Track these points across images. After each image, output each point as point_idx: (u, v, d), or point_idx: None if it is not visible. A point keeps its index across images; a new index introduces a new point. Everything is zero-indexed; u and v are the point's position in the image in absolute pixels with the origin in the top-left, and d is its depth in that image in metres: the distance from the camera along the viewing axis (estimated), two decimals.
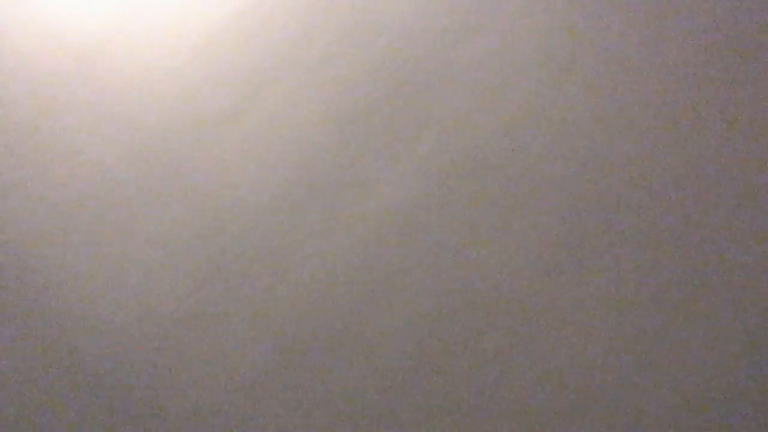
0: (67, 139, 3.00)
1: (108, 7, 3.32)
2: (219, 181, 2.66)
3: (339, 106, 2.63)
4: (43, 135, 3.05)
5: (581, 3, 2.43)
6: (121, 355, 2.43)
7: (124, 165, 2.85)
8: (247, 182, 2.61)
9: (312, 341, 2.22)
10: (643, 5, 2.34)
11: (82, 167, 2.90)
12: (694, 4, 2.27)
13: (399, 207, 2.33)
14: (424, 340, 2.09)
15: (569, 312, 1.98)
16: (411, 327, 2.13)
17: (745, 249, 1.90)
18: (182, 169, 2.74)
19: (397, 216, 2.32)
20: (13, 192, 2.94)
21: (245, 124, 2.74)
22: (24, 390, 2.47)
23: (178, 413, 2.26)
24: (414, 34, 2.66)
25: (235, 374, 2.26)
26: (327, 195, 2.46)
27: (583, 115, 2.24)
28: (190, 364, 2.33)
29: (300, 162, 2.57)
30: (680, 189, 2.03)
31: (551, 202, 2.15)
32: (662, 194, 2.04)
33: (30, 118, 3.12)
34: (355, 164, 2.48)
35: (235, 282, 2.42)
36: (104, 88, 3.09)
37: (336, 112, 2.62)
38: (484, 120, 2.37)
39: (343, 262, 2.31)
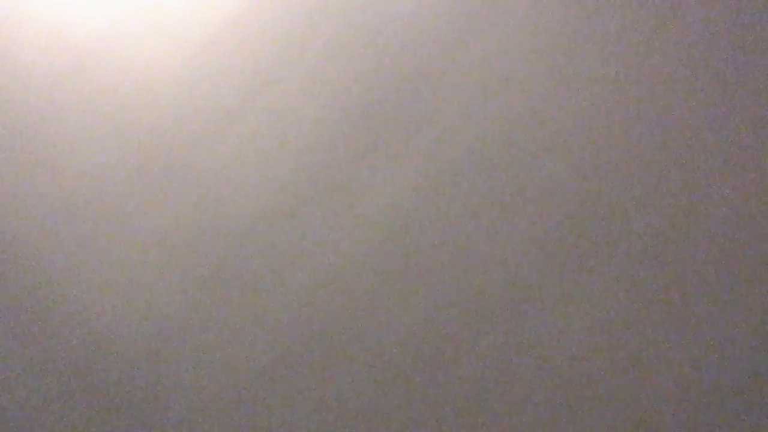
0: (67, 138, 3.00)
1: (108, 8, 3.32)
2: (219, 181, 2.66)
3: (339, 107, 2.63)
4: (43, 135, 3.05)
5: (581, 3, 2.43)
6: (120, 355, 2.43)
7: (124, 165, 2.85)
8: (247, 182, 2.61)
9: (312, 340, 2.22)
10: (643, 5, 2.34)
11: (82, 167, 2.90)
12: (694, 4, 2.27)
13: (399, 207, 2.33)
14: (424, 340, 2.09)
15: (569, 312, 1.98)
16: (411, 326, 2.13)
17: (745, 249, 1.90)
18: (182, 169, 2.74)
19: (397, 216, 2.32)
20: (13, 192, 2.94)
21: (245, 124, 2.74)
22: (24, 389, 2.47)
23: (178, 413, 2.26)
24: (414, 34, 2.66)
25: (235, 374, 2.26)
26: (327, 195, 2.46)
27: (582, 116, 2.24)
28: (191, 364, 2.33)
29: (300, 162, 2.57)
30: (680, 189, 2.03)
31: (551, 201, 2.15)
32: (662, 194, 2.04)
33: (30, 118, 3.12)
34: (355, 164, 2.48)
35: (235, 282, 2.42)
36: (105, 88, 3.09)
37: (336, 112, 2.62)
38: (483, 120, 2.37)
39: (342, 261, 2.31)
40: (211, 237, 2.54)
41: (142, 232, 2.65)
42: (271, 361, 2.23)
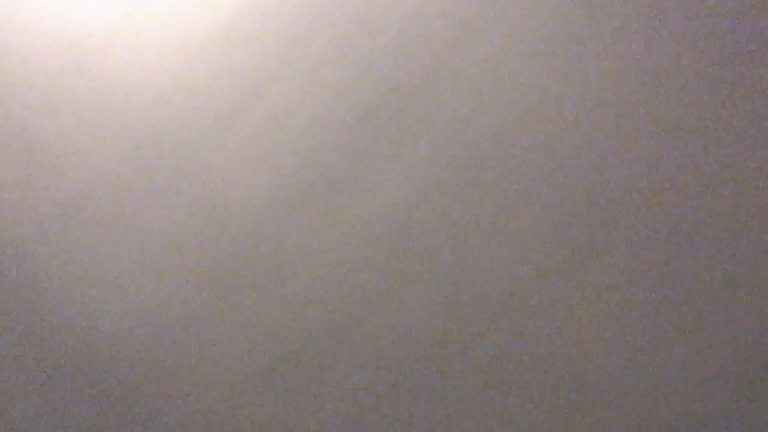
0: (66, 139, 3.00)
1: (108, 8, 3.32)
2: (219, 182, 2.66)
3: (339, 107, 2.63)
4: (43, 135, 3.05)
5: (581, 4, 2.43)
6: (120, 356, 2.43)
7: (124, 165, 2.85)
8: (247, 182, 2.61)
9: (312, 342, 2.22)
10: (643, 5, 2.34)
11: (81, 167, 2.90)
12: (695, 4, 2.27)
13: (399, 207, 2.33)
14: (424, 341, 2.09)
15: (569, 312, 1.98)
16: (411, 327, 2.13)
17: (744, 249, 1.90)
18: (182, 170, 2.74)
19: (396, 216, 2.32)
20: (13, 192, 2.94)
21: (245, 124, 2.74)
22: (24, 389, 2.47)
23: (178, 414, 2.26)
24: (414, 35, 2.66)
25: (234, 375, 2.26)
26: (327, 195, 2.46)
27: (582, 116, 2.24)
28: (190, 365, 2.33)
29: (300, 162, 2.57)
30: (680, 189, 2.03)
31: (550, 202, 2.15)
32: (662, 194, 2.04)
33: (30, 118, 3.12)
34: (355, 164, 2.48)
35: (235, 282, 2.42)
36: (104, 89, 3.08)
37: (336, 112, 2.62)
38: (483, 121, 2.37)
39: (342, 262, 2.31)
40: (212, 237, 2.54)
41: (142, 232, 2.65)
42: (271, 361, 2.23)
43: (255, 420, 2.17)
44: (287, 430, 2.12)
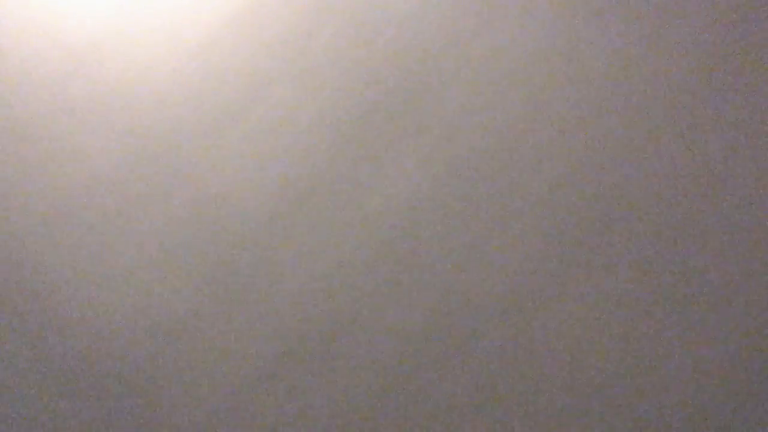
0: (66, 139, 3.00)
1: (107, 8, 3.32)
2: (219, 182, 2.66)
3: (339, 107, 2.63)
4: (42, 136, 3.05)
5: (581, 3, 2.43)
6: (120, 356, 2.43)
7: (124, 166, 2.85)
8: (246, 182, 2.61)
9: (312, 342, 2.22)
10: (643, 5, 2.34)
11: (81, 168, 2.90)
12: (695, 4, 2.27)
13: (399, 207, 2.33)
14: (424, 341, 2.09)
15: (569, 312, 1.98)
16: (411, 328, 2.13)
17: (745, 249, 1.90)
18: (182, 170, 2.74)
19: (396, 216, 2.32)
20: (13, 192, 2.94)
21: (245, 124, 2.74)
22: (23, 390, 2.47)
23: (178, 414, 2.26)
24: (414, 34, 2.66)
25: (234, 375, 2.26)
26: (327, 195, 2.46)
27: (583, 116, 2.24)
28: (190, 365, 2.33)
29: (300, 162, 2.57)
30: (680, 189, 2.03)
31: (551, 202, 2.15)
32: (662, 194, 2.04)
33: (29, 119, 3.12)
34: (355, 165, 2.48)
35: (235, 283, 2.42)
36: (104, 89, 3.08)
37: (336, 112, 2.62)
38: (484, 120, 2.37)
39: (342, 261, 2.31)
40: (211, 237, 2.54)
41: (141, 232, 2.65)
42: (271, 361, 2.23)
43: (255, 420, 2.17)
44: (287, 430, 2.12)
